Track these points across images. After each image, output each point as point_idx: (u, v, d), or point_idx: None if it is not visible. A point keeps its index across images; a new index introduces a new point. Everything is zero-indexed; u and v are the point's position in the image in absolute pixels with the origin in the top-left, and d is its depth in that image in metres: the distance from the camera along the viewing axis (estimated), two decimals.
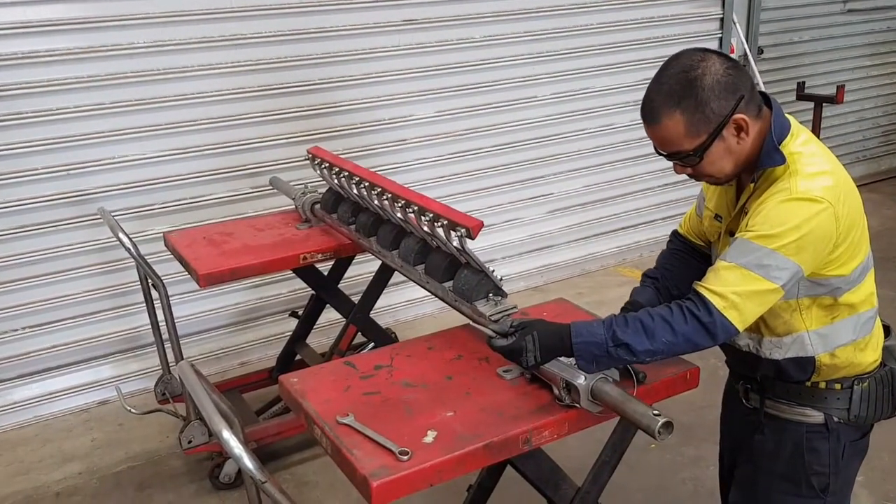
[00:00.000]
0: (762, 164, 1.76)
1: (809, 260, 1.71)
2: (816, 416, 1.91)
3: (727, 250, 1.76)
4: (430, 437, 1.74)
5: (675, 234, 2.22)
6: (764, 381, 1.96)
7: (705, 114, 1.70)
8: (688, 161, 1.78)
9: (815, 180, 1.70)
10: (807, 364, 1.87)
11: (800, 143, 1.77)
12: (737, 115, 1.72)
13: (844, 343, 1.85)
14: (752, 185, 1.81)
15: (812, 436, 1.92)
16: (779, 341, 1.87)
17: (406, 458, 1.66)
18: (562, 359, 1.85)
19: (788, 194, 1.69)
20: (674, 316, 1.73)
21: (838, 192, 1.71)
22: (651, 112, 1.75)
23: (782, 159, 1.74)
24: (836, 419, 1.90)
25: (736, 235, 1.77)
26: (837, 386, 1.89)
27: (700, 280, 1.77)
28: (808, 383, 1.90)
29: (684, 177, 1.86)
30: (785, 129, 1.78)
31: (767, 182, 1.77)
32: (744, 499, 2.08)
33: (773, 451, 1.97)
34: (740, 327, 1.72)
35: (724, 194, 1.97)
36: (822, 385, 1.89)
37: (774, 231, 1.68)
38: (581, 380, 1.78)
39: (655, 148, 1.82)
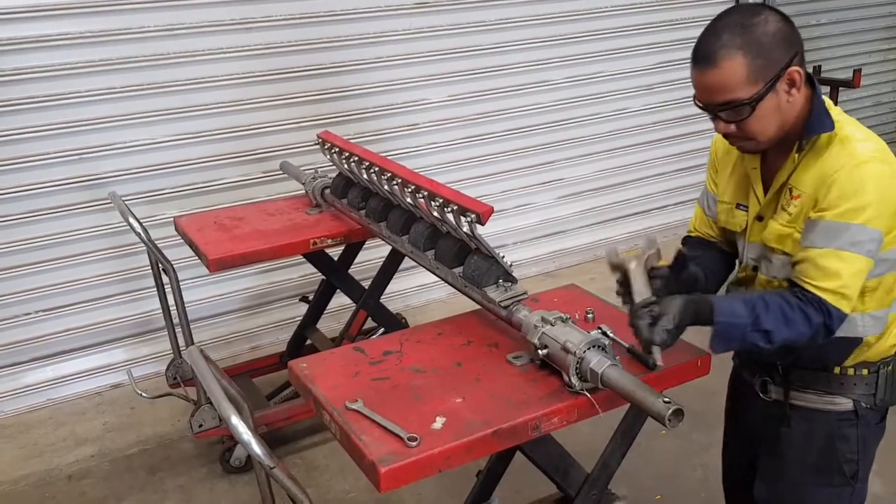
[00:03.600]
0: (812, 130, 1.70)
1: (886, 223, 1.68)
2: (846, 404, 1.88)
3: (811, 236, 1.69)
4: (438, 423, 1.74)
5: (686, 240, 2.17)
6: (788, 373, 1.92)
7: (767, 60, 1.63)
8: (740, 112, 1.68)
9: (867, 143, 1.69)
10: (852, 345, 1.82)
11: (837, 113, 1.74)
12: (792, 69, 1.66)
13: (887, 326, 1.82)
14: (795, 155, 1.74)
15: (842, 423, 1.89)
16: None
17: (415, 444, 1.66)
18: (571, 339, 1.82)
19: (854, 160, 1.65)
20: (795, 312, 1.67)
21: (890, 155, 1.70)
22: (709, 54, 1.64)
23: (832, 125, 1.69)
24: (864, 405, 1.87)
25: (811, 217, 1.69)
26: (864, 371, 1.86)
27: (796, 271, 1.72)
28: (837, 370, 1.86)
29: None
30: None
31: (814, 155, 1.72)
32: (770, 492, 2.03)
33: (803, 442, 1.93)
34: (849, 311, 1.70)
35: (739, 182, 1.93)
36: (851, 371, 1.86)
37: (856, 204, 1.64)
38: (594, 362, 1.77)
39: (698, 101, 1.73)
